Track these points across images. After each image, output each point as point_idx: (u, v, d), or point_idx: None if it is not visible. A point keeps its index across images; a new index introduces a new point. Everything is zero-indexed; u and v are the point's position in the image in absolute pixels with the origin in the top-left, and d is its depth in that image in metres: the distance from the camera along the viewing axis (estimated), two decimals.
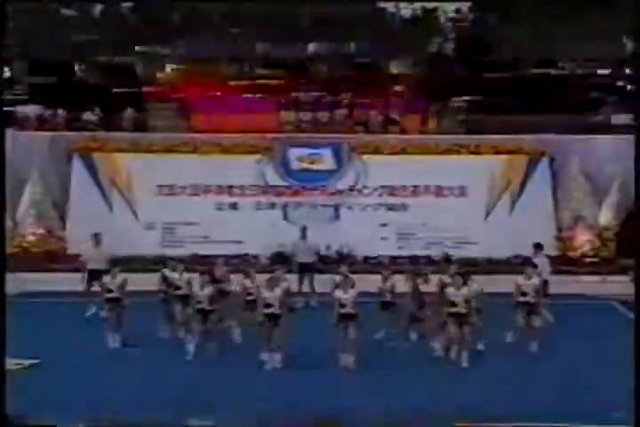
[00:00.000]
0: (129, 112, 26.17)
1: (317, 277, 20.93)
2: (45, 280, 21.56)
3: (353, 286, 16.33)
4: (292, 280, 18.30)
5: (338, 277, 16.82)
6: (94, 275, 19.34)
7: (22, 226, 23.86)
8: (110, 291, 17.52)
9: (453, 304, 16.27)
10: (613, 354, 15.30)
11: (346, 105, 25.98)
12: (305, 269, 21.15)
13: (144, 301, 17.70)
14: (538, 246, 19.95)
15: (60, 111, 25.74)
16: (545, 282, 18.69)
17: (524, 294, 17.16)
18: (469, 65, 27.51)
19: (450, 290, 16.42)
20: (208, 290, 16.64)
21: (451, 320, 16.30)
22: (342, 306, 15.97)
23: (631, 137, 19.87)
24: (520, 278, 17.40)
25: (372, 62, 27.98)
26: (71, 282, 20.48)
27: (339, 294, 16.16)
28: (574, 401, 14.17)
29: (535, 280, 17.37)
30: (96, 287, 18.85)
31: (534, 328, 17.22)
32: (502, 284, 18.13)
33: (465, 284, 16.49)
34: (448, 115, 25.86)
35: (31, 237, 23.79)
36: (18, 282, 18.87)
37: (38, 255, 23.47)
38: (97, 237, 20.32)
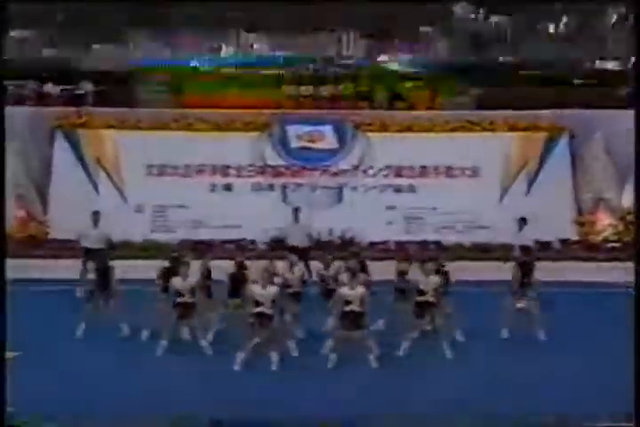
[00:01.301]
0: (87, 85, 25.11)
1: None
2: (26, 267, 20.07)
3: (364, 284, 15.27)
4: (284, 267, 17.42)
5: (345, 274, 15.81)
6: (89, 254, 19.08)
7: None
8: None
9: (421, 293, 15.58)
10: (625, 346, 14.04)
11: (349, 78, 25.16)
12: (297, 255, 19.67)
13: (131, 288, 16.94)
14: (522, 220, 19.81)
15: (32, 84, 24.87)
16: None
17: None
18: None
19: (420, 278, 15.78)
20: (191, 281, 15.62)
21: (416, 310, 15.66)
22: (347, 303, 14.79)
23: None
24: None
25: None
26: (54, 269, 20.07)
27: (344, 290, 14.98)
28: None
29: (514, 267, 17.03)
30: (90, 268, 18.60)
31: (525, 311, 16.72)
32: None
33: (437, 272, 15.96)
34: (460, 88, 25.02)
35: (11, 222, 22.58)
36: None
37: (19, 240, 22.36)
38: (96, 216, 19.80)
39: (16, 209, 22.81)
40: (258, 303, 14.71)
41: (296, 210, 21.08)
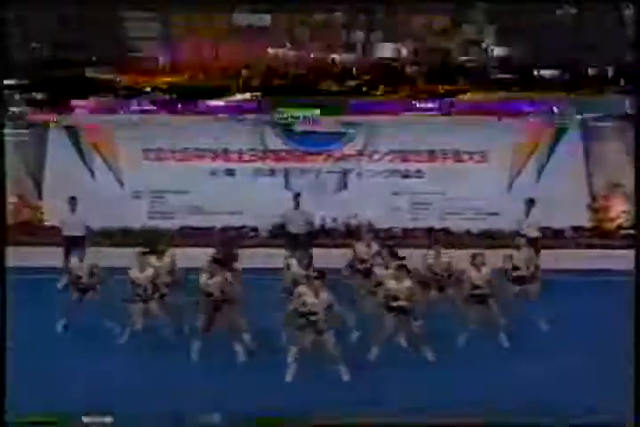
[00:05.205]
0: None
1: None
2: (19, 255, 19.49)
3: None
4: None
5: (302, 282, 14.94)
6: (71, 243, 19.12)
7: None
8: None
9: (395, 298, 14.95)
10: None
11: None
12: (296, 242, 19.59)
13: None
14: (530, 202, 19.97)
15: None
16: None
17: (515, 269, 16.66)
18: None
19: (390, 282, 14.97)
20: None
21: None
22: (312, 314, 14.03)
23: None
24: (513, 251, 16.86)
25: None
26: (48, 257, 19.76)
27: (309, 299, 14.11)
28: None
29: (525, 251, 16.87)
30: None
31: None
32: None
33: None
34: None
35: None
36: None
37: (11, 227, 21.49)
38: (73, 202, 19.81)
39: (8, 195, 22.46)
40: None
41: (296, 196, 20.59)
